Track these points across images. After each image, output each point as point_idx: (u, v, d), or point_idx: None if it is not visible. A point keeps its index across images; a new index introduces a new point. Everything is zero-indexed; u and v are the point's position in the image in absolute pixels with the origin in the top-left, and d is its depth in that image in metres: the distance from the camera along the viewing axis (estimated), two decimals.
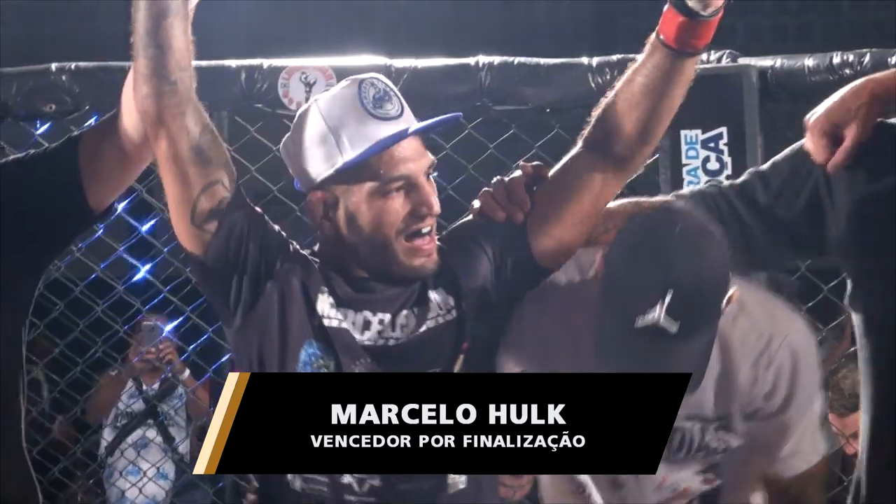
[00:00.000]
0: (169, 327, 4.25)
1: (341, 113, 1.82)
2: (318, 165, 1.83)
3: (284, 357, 1.86)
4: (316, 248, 1.93)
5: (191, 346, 3.82)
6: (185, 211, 1.82)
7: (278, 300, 1.86)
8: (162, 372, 4.52)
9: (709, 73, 2.79)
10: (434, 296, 1.91)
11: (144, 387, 4.76)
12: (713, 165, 2.86)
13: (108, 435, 4.80)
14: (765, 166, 1.97)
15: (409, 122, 1.84)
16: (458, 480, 1.83)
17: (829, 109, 1.89)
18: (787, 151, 1.96)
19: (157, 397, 4.69)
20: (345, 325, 1.86)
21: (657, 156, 2.82)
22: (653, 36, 1.83)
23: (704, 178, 2.85)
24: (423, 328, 1.89)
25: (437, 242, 1.89)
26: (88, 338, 3.62)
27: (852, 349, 3.22)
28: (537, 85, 2.90)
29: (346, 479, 1.83)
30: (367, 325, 1.88)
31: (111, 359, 4.19)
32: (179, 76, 1.78)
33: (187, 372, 4.41)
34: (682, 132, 2.83)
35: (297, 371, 1.84)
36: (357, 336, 1.85)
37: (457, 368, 1.90)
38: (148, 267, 3.66)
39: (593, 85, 2.92)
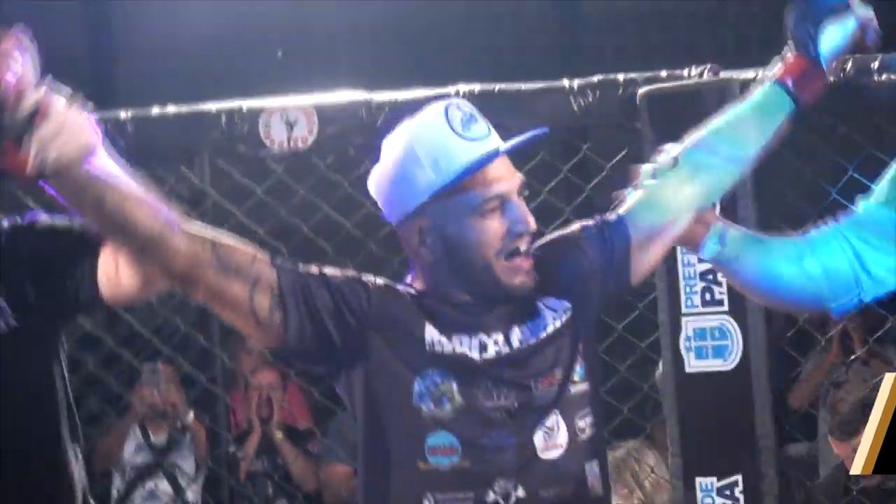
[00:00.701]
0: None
1: (431, 138, 1.87)
2: (412, 192, 1.87)
3: (400, 394, 1.91)
4: (409, 279, 1.97)
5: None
6: (250, 322, 1.88)
7: (381, 344, 1.91)
8: (167, 417, 4.54)
9: (691, 89, 2.91)
10: (543, 304, 1.96)
11: (152, 438, 4.83)
12: None
13: (117, 484, 4.84)
14: None
15: (497, 141, 1.89)
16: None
17: None
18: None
19: (165, 448, 4.73)
20: (461, 349, 1.91)
21: None
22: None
23: None
24: (543, 335, 1.94)
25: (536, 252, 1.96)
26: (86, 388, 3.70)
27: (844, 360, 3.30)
28: (520, 111, 2.93)
29: (490, 497, 1.90)
30: (483, 347, 1.92)
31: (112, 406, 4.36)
32: (178, 258, 1.84)
33: (191, 414, 4.45)
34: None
35: (414, 404, 1.89)
36: (476, 357, 1.90)
37: (577, 368, 1.98)
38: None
39: (576, 108, 2.98)
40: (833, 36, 2.07)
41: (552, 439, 1.95)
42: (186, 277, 1.82)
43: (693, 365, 2.92)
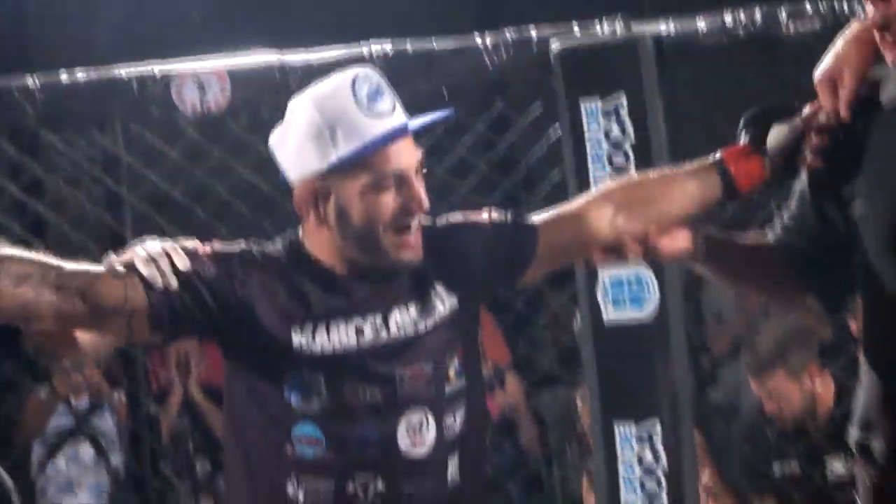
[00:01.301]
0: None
1: (335, 108, 1.90)
2: (311, 159, 1.90)
3: (270, 387, 1.97)
4: (295, 236, 2.02)
5: None
6: (128, 340, 2.05)
7: (251, 340, 1.97)
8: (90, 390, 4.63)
9: (603, 42, 2.95)
10: (434, 293, 2.02)
11: (73, 402, 4.84)
12: (616, 135, 2.97)
13: (37, 451, 4.86)
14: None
15: (401, 117, 1.93)
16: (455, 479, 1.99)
17: (825, 64, 2.10)
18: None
19: (87, 412, 4.76)
20: (332, 343, 1.96)
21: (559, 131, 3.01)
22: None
23: (607, 149, 2.98)
24: (422, 327, 2.00)
25: (441, 229, 2.03)
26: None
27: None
28: (433, 70, 2.97)
29: (350, 487, 1.96)
30: (360, 331, 1.97)
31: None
32: (51, 322, 1.93)
33: (113, 393, 4.50)
34: (582, 104, 2.94)
35: (284, 397, 1.95)
36: (350, 345, 1.96)
37: (454, 364, 2.03)
38: None
39: (489, 65, 3.02)
40: (779, 135, 2.15)
41: (418, 436, 2.01)
42: (67, 329, 1.97)
43: (610, 314, 2.98)
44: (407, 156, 1.92)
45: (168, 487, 4.20)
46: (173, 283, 1.89)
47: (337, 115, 1.90)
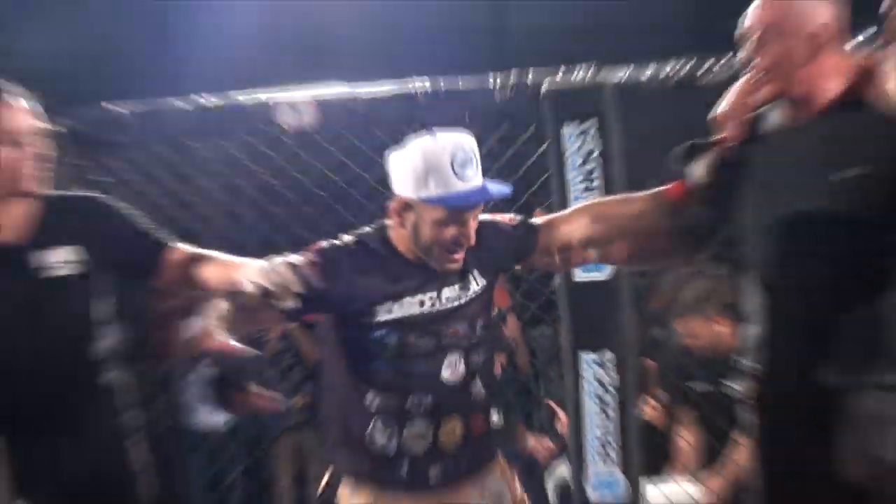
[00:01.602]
0: None
1: (436, 162, 2.15)
2: (409, 188, 2.19)
3: (361, 338, 2.28)
4: (378, 227, 2.31)
5: None
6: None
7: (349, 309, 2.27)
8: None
9: (579, 85, 3.37)
10: (472, 276, 2.35)
11: None
12: (587, 148, 3.36)
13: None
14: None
15: (479, 181, 2.19)
16: None
17: (721, 107, 2.39)
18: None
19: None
20: (403, 311, 2.26)
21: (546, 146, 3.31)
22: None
23: (581, 158, 3.35)
24: (464, 299, 2.31)
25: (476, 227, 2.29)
26: None
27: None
28: (459, 102, 3.32)
29: (408, 402, 2.28)
30: (421, 303, 2.29)
31: None
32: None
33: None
34: (564, 128, 3.37)
35: (371, 345, 2.26)
36: (415, 313, 2.26)
37: (479, 324, 2.35)
38: None
39: (498, 100, 3.37)
40: (700, 167, 2.49)
41: (454, 370, 2.34)
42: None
43: (579, 276, 3.46)
44: (474, 211, 2.22)
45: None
46: (295, 289, 2.14)
47: (436, 167, 2.15)
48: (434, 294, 2.27)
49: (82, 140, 3.62)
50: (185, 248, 2.54)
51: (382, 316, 2.23)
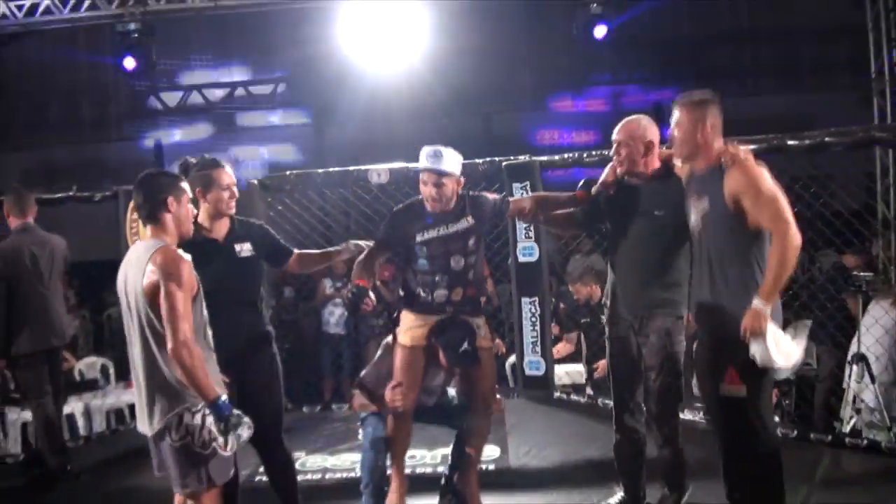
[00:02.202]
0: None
1: (423, 154, 3.54)
2: (420, 166, 3.58)
3: (410, 250, 3.53)
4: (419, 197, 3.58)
5: None
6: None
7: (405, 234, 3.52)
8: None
9: (521, 163, 5.71)
10: (466, 219, 3.59)
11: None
12: (525, 192, 5.57)
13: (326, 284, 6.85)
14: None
15: (440, 164, 3.48)
16: None
17: (604, 173, 3.57)
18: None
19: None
20: (425, 236, 3.55)
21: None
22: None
23: (521, 195, 5.40)
24: (462, 228, 3.54)
25: (469, 193, 3.54)
26: None
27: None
28: (462, 167, 3.92)
29: (436, 279, 3.63)
30: (437, 230, 3.57)
31: None
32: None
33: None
34: (514, 184, 5.70)
35: (414, 259, 3.58)
36: (433, 236, 3.54)
37: (471, 246, 3.58)
38: None
39: (481, 169, 5.74)
40: (592, 188, 3.64)
41: (457, 262, 3.60)
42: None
43: (521, 259, 5.79)
44: (434, 178, 3.51)
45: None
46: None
47: (422, 156, 3.52)
48: (445, 226, 3.54)
49: (266, 188, 6.12)
50: (299, 250, 3.85)
51: (420, 237, 3.55)
